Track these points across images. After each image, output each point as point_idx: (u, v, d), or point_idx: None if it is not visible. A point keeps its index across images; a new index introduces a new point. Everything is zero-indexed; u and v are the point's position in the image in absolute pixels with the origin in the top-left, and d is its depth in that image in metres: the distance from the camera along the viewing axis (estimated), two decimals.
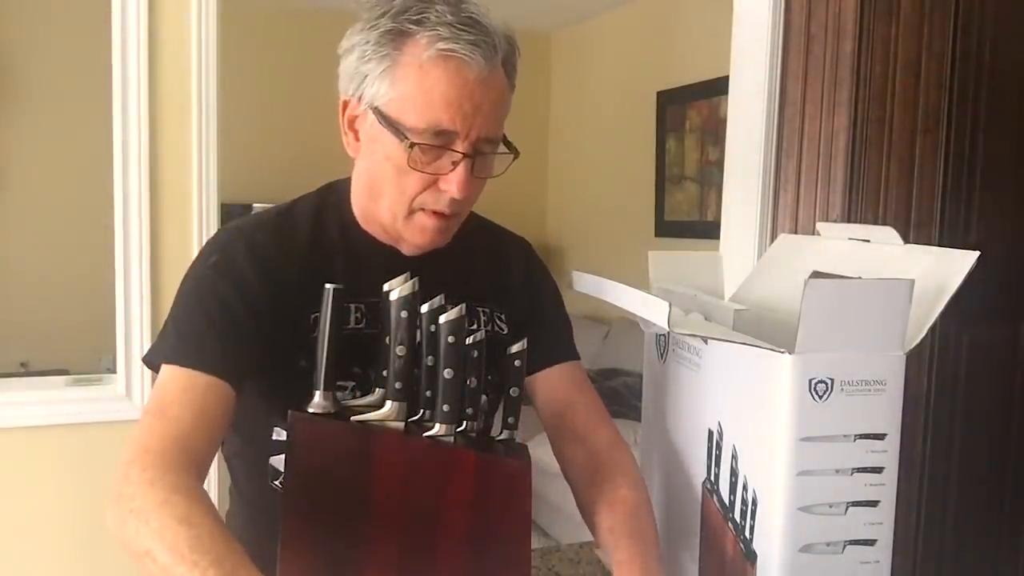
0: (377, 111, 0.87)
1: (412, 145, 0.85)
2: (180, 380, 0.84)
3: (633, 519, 0.91)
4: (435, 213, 0.90)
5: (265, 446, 0.94)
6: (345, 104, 0.92)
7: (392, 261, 0.94)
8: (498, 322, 1.01)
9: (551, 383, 1.03)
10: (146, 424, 0.81)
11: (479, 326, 0.98)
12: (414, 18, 0.84)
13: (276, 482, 0.94)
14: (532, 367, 0.99)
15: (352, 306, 0.92)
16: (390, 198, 0.90)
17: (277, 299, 0.89)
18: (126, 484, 0.76)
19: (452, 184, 0.87)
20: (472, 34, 0.84)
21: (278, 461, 0.93)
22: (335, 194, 0.99)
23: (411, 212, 0.90)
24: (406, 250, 0.96)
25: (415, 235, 0.92)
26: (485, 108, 0.86)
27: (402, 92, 0.85)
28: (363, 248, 0.96)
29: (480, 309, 1.00)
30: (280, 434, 0.92)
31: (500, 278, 1.04)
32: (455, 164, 0.87)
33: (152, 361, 0.88)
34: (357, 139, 0.92)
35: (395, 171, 0.88)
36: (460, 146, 0.86)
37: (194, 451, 0.81)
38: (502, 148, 0.93)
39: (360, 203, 0.97)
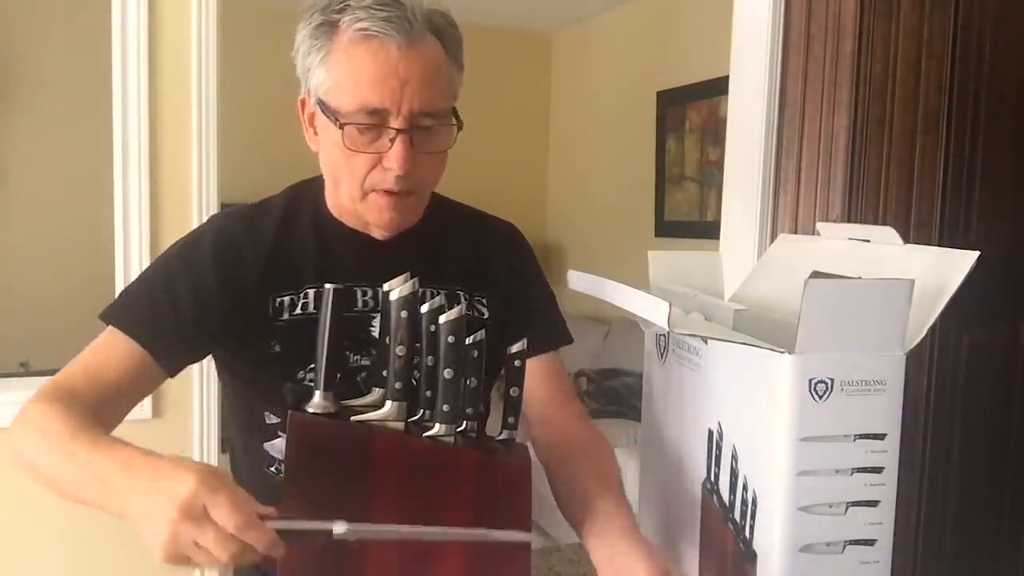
0: (320, 102, 0.92)
1: (342, 126, 0.89)
2: (106, 337, 0.92)
3: (590, 469, 0.96)
4: (386, 192, 0.93)
5: (259, 432, 0.98)
6: (303, 102, 0.96)
7: (365, 246, 0.99)
8: (478, 306, 1.04)
9: (534, 371, 1.03)
10: (64, 371, 0.91)
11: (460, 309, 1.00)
12: (338, 7, 0.89)
13: (271, 469, 0.98)
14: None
15: (301, 301, 0.97)
16: (345, 183, 0.94)
17: (238, 289, 0.95)
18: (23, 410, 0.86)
19: (393, 160, 0.89)
20: (386, 11, 0.87)
21: (270, 447, 0.97)
22: (310, 189, 1.04)
23: (365, 194, 0.94)
24: (377, 234, 0.99)
25: (374, 216, 0.95)
26: (414, 82, 0.88)
27: (336, 78, 0.90)
28: (336, 234, 1.00)
29: (459, 292, 1.03)
30: (271, 418, 0.96)
31: (481, 263, 1.07)
32: (392, 141, 0.89)
33: (102, 317, 0.95)
34: (316, 134, 0.96)
35: (343, 156, 0.91)
36: (394, 122, 0.89)
37: (99, 400, 0.87)
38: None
39: (329, 194, 1.01)
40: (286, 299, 0.96)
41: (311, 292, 0.97)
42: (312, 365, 0.90)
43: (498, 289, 1.06)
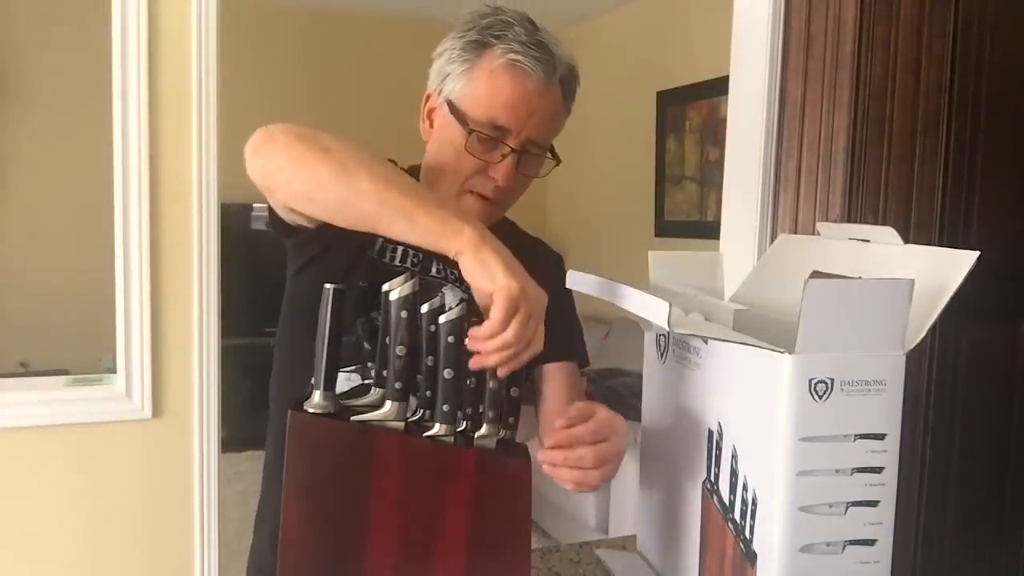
0: (450, 103, 1.05)
1: (471, 132, 1.02)
2: None
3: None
4: (480, 196, 1.06)
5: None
6: (428, 97, 1.10)
7: None
8: None
9: (544, 377, 1.18)
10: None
11: None
12: (496, 33, 1.02)
13: None
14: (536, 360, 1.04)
15: (411, 250, 1.08)
16: (448, 177, 1.06)
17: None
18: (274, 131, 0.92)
19: (499, 172, 1.04)
20: (538, 52, 1.02)
21: None
22: (409, 170, 1.13)
23: (461, 192, 1.06)
24: None
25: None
26: (538, 115, 1.03)
27: (473, 90, 1.03)
28: None
29: None
30: None
31: (533, 273, 1.12)
32: (504, 156, 1.04)
33: None
34: (431, 126, 1.10)
35: (455, 154, 1.04)
36: (512, 141, 1.03)
37: None
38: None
39: (425, 181, 1.11)
40: (380, 241, 1.07)
41: (400, 248, 1.08)
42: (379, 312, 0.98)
43: None
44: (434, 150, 1.09)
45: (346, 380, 1.02)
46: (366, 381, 1.03)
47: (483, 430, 0.84)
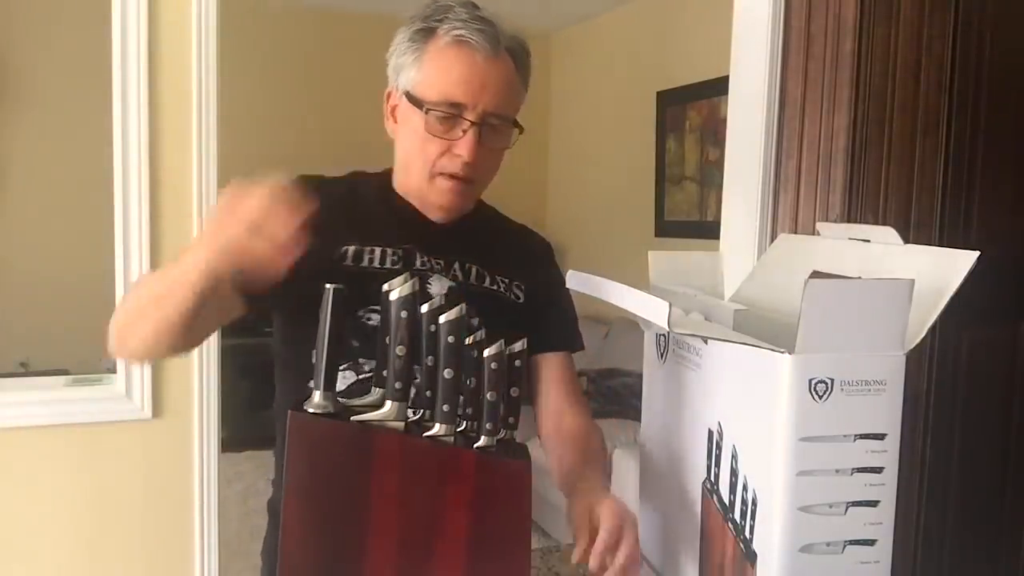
0: (407, 93, 1.08)
1: (428, 111, 1.05)
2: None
3: (580, 449, 1.11)
4: (451, 176, 1.08)
5: (306, 372, 1.04)
6: (389, 95, 1.13)
7: (423, 224, 1.13)
8: (515, 290, 1.18)
9: (539, 367, 1.18)
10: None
11: (499, 288, 1.15)
12: (438, 18, 1.06)
13: None
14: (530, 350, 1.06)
15: (390, 250, 1.10)
16: (417, 166, 1.09)
17: (319, 232, 1.00)
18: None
19: (463, 147, 1.05)
20: (480, 26, 1.05)
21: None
22: (382, 173, 1.19)
23: (432, 177, 1.08)
24: (435, 218, 1.13)
25: (438, 197, 1.10)
26: (491, 86, 1.05)
27: (426, 75, 1.06)
28: (400, 209, 1.15)
29: (499, 276, 1.16)
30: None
31: (521, 258, 1.21)
32: (465, 131, 1.05)
33: None
34: (396, 122, 1.12)
35: (419, 141, 1.07)
36: (469, 115, 1.05)
37: None
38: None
39: (398, 179, 1.15)
40: (352, 249, 1.08)
41: (378, 250, 1.09)
42: (372, 306, 1.02)
43: (529, 283, 1.19)
44: (402, 144, 1.12)
45: (341, 378, 1.03)
46: (361, 376, 1.06)
47: (482, 441, 0.84)
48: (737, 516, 0.84)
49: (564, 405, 1.18)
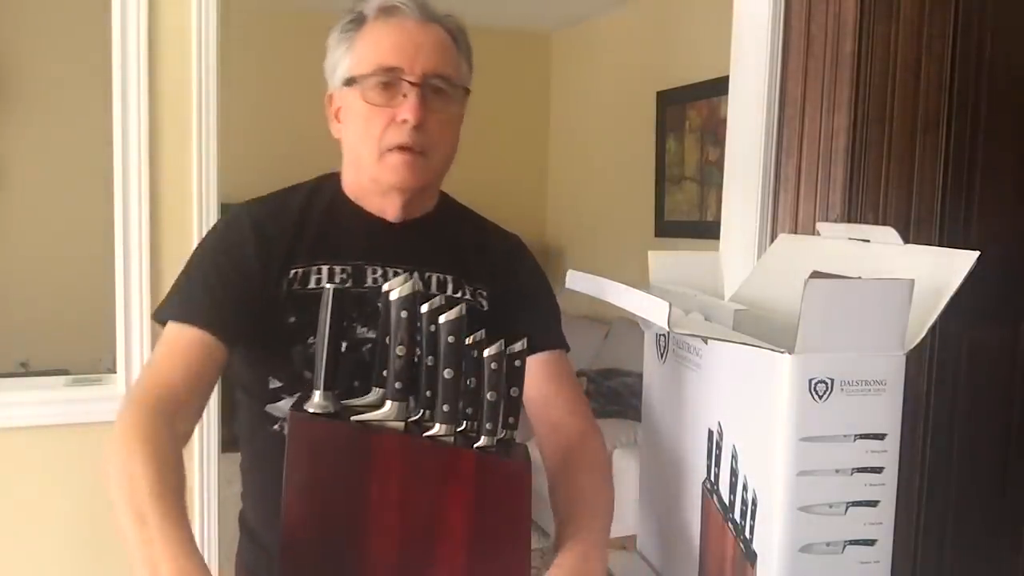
0: (345, 81, 1.04)
1: (365, 80, 1.01)
2: (171, 333, 0.98)
3: (583, 504, 0.98)
4: (401, 149, 1.01)
5: (263, 395, 1.04)
6: (330, 97, 1.09)
7: (378, 227, 1.08)
8: (480, 298, 1.10)
9: (531, 371, 1.05)
10: (140, 375, 0.98)
11: (462, 295, 1.08)
12: (364, 4, 1.04)
13: (274, 427, 1.03)
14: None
15: (338, 267, 1.04)
16: (365, 150, 1.03)
17: (269, 262, 1.03)
18: (114, 428, 0.88)
19: (406, 109, 1.00)
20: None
21: (273, 408, 1.03)
22: (331, 178, 1.13)
23: (382, 154, 1.02)
24: (391, 217, 1.07)
25: (390, 174, 1.03)
26: (426, 46, 1.02)
27: (359, 53, 1.03)
28: (351, 216, 1.09)
29: (464, 283, 1.09)
30: (274, 383, 1.03)
31: (484, 262, 1.13)
32: (406, 95, 1.00)
33: (156, 318, 1.02)
34: (340, 121, 1.08)
35: (363, 121, 1.02)
36: (408, 77, 1.00)
37: (176, 399, 0.92)
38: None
39: (348, 178, 1.10)
40: (300, 271, 1.03)
41: (324, 268, 1.04)
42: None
43: (496, 287, 1.11)
44: (347, 137, 1.07)
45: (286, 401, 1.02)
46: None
47: (482, 441, 0.84)
48: (737, 516, 0.84)
49: (557, 413, 1.08)
